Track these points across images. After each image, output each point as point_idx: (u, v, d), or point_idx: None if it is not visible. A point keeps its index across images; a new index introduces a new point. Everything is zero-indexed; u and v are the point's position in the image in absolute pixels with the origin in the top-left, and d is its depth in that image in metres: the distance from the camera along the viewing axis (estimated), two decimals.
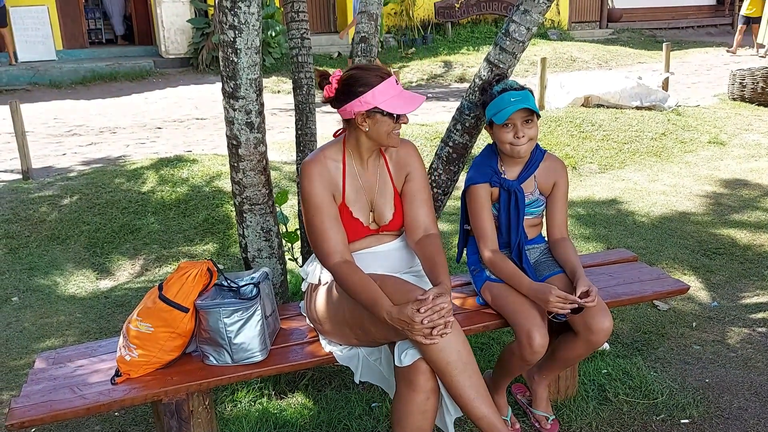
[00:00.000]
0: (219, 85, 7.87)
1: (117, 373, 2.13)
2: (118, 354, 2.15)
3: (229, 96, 2.33)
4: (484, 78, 2.68)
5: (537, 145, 2.46)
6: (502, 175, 2.44)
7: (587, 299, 2.18)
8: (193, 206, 5.02)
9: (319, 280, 2.32)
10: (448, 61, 12.56)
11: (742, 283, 3.84)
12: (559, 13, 15.71)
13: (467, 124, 2.75)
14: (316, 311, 2.26)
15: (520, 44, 2.61)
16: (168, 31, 12.20)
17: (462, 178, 3.36)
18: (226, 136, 2.43)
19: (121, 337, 2.17)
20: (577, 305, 2.17)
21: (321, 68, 2.13)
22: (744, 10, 12.55)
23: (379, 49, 13.41)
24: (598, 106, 7.56)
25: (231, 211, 5.04)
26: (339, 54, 13.06)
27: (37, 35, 12.17)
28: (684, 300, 3.64)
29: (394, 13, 14.09)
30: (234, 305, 2.12)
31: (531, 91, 2.41)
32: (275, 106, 9.68)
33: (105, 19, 14.37)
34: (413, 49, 13.44)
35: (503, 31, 2.64)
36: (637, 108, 7.53)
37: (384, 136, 2.12)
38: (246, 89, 2.31)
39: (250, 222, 2.54)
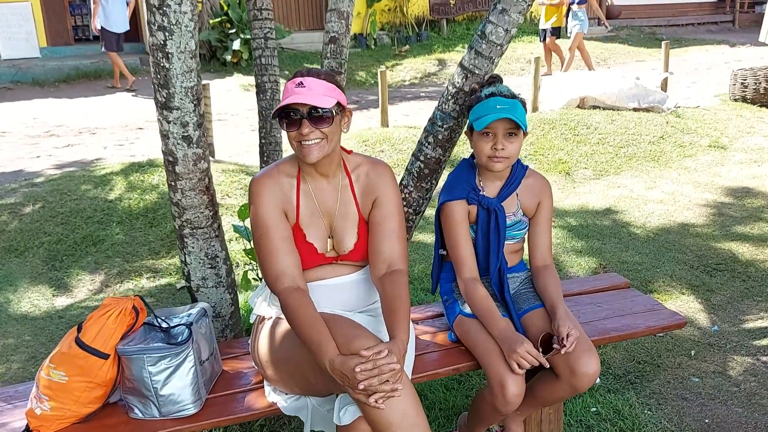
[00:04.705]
0: (206, 82, 7.60)
1: (27, 429, 1.84)
2: (29, 406, 1.86)
3: (162, 106, 2.04)
4: (457, 85, 2.39)
5: (518, 160, 2.18)
6: (481, 192, 2.16)
7: (566, 347, 1.90)
8: (162, 215, 4.73)
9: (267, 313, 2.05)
10: (442, 59, 12.25)
11: (745, 304, 3.55)
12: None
13: (440, 137, 2.46)
14: (258, 352, 1.98)
15: (498, 47, 2.32)
16: None
17: (436, 195, 3.08)
18: (162, 151, 2.14)
19: (34, 385, 1.89)
20: (541, 364, 1.92)
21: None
22: (548, 23, 10.35)
23: (373, 47, 13.12)
24: (594, 107, 7.27)
25: None
26: None
27: (20, 32, 11.85)
28: None
29: (388, 10, 13.77)
30: (160, 351, 1.83)
31: (523, 103, 2.12)
32: None
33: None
34: (407, 46, 13.13)
35: (479, 32, 2.35)
36: (635, 109, 7.23)
37: (292, 147, 1.86)
38: (181, 99, 2.02)
39: (192, 248, 2.25)
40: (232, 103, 9.58)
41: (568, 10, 10.32)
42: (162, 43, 1.94)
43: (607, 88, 7.24)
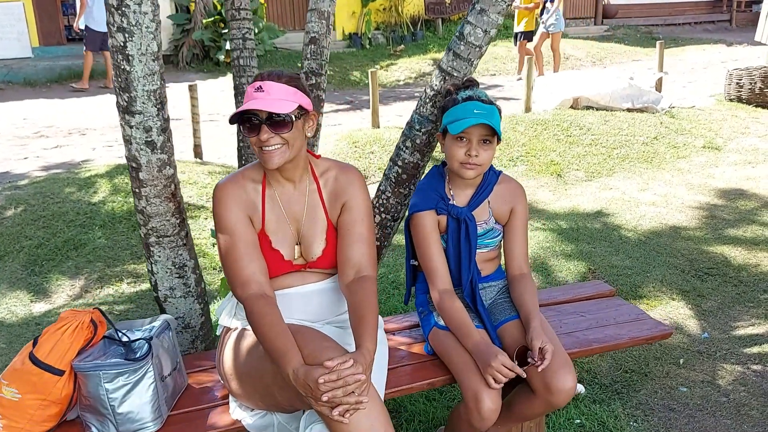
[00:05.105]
0: (198, 83, 7.49)
1: None
2: None
3: (124, 111, 1.96)
4: (436, 88, 2.31)
5: (491, 166, 2.11)
6: (450, 201, 2.09)
7: (540, 362, 1.83)
8: None
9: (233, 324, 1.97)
10: (437, 58, 12.17)
11: (736, 310, 3.48)
12: None
13: (418, 141, 2.38)
14: (223, 364, 1.90)
15: (477, 49, 2.24)
16: None
17: None
18: (125, 157, 2.06)
19: None
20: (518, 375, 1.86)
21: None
22: (519, 27, 10.06)
23: (368, 47, 13.03)
24: (588, 107, 7.19)
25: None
26: None
27: (12, 32, 11.77)
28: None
29: (383, 9, 13.70)
30: (117, 367, 1.75)
31: (499, 109, 2.06)
32: None
33: None
34: (402, 46, 13.05)
35: (457, 33, 2.27)
36: (629, 110, 7.15)
37: (254, 152, 1.79)
38: (143, 103, 1.94)
39: (159, 257, 2.17)
40: (225, 104, 9.51)
41: (543, 8, 10.16)
42: (122, 45, 1.86)
43: (601, 89, 7.17)
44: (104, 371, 1.74)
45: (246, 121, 1.75)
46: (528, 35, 10.12)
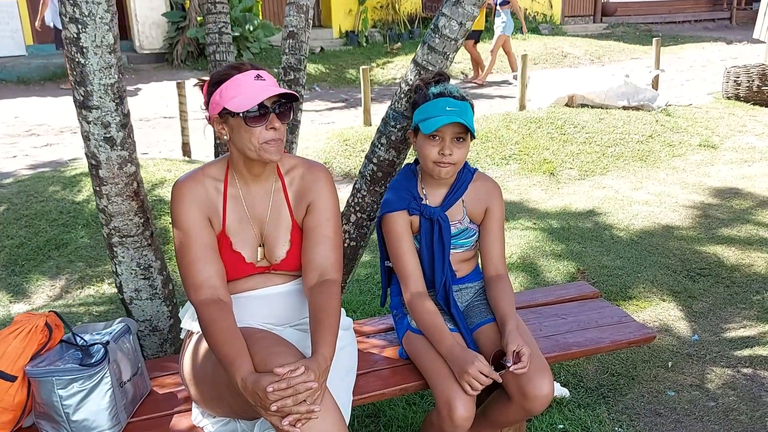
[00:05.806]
0: (194, 81, 7.44)
1: None
2: None
3: (81, 105, 1.88)
4: (410, 83, 2.24)
5: (465, 163, 2.03)
6: (423, 201, 2.01)
7: (518, 366, 1.75)
8: None
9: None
10: None
11: (728, 311, 3.40)
12: (551, 6, 15.22)
13: (393, 138, 2.30)
14: (184, 368, 1.83)
15: (452, 42, 2.17)
16: (142, 26, 11.73)
17: None
18: (85, 154, 1.99)
19: None
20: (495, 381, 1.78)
21: None
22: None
23: (364, 44, 12.95)
24: (583, 105, 7.11)
25: (170, 223, 4.60)
26: (321, 49, 12.59)
27: (5, 30, 11.71)
28: (661, 332, 3.20)
29: (380, 7, 13.62)
30: (71, 373, 1.68)
31: (472, 105, 1.98)
32: None
33: None
34: (399, 44, 12.98)
35: (432, 26, 2.19)
36: (624, 108, 7.07)
37: (249, 146, 1.68)
38: (100, 97, 1.87)
39: (123, 257, 2.10)
40: None
41: (495, 10, 9.99)
42: (75, 36, 1.78)
43: (596, 86, 7.09)
44: (57, 377, 1.67)
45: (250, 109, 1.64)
46: (474, 35, 9.87)
